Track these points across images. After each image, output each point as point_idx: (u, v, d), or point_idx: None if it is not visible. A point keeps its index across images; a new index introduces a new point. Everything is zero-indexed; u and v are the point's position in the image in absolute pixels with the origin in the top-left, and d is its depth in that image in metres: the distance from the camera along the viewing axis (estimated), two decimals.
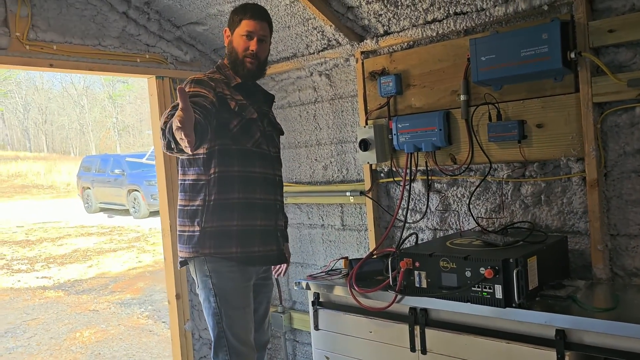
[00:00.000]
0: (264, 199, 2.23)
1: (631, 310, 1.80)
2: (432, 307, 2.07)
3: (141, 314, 6.08)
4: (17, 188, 23.51)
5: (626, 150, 2.10)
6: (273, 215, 2.27)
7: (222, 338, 2.15)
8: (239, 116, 2.14)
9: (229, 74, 2.23)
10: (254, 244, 2.17)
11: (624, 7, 2.03)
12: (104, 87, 36.25)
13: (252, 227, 2.17)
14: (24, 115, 38.58)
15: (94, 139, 38.64)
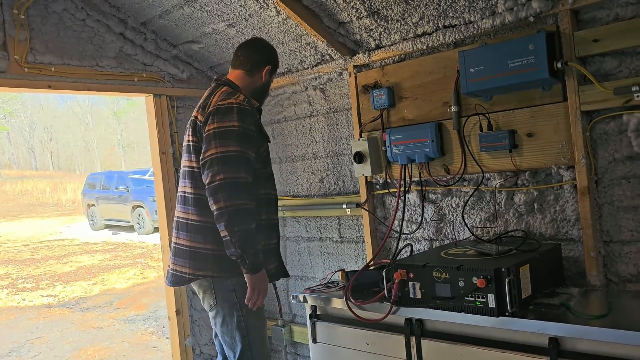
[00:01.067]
0: (276, 219, 2.35)
1: (625, 317, 1.81)
2: (428, 317, 2.08)
3: (145, 330, 6.09)
4: (23, 207, 23.65)
5: (615, 157, 2.12)
6: (278, 234, 2.38)
7: (247, 351, 2.17)
8: (266, 140, 2.26)
9: (246, 96, 2.25)
10: (271, 261, 2.26)
11: (608, 17, 2.07)
12: (108, 104, 36.56)
13: (271, 246, 2.28)
14: (30, 134, 38.93)
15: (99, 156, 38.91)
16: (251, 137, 2.10)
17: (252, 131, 2.11)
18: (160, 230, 3.39)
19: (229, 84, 2.27)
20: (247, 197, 2.01)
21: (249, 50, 2.37)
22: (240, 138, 2.05)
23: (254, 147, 2.12)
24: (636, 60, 2.03)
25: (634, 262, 2.10)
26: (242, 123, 2.07)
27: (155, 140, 3.33)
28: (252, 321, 2.15)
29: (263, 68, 2.36)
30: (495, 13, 2.29)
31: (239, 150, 2.03)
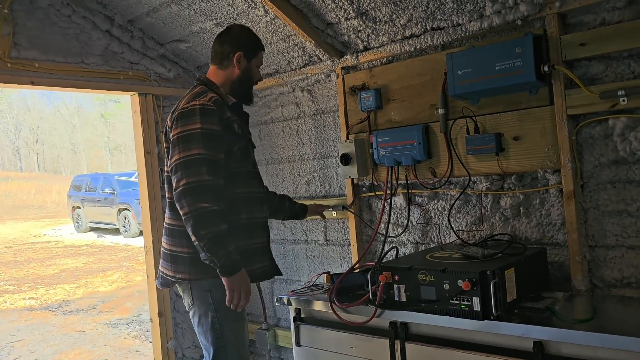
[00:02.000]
0: (261, 217, 2.26)
1: (609, 321, 1.80)
2: (412, 320, 2.06)
3: (128, 334, 5.99)
4: (6, 208, 23.31)
5: (601, 162, 2.12)
6: (266, 231, 2.29)
7: (221, 354, 2.12)
8: (241, 138, 2.15)
9: (221, 92, 2.19)
10: (255, 262, 2.18)
11: (595, 21, 2.07)
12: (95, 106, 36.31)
13: (254, 246, 2.20)
14: (15, 135, 38.49)
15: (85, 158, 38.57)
16: (216, 138, 2.02)
17: (217, 131, 2.02)
18: (144, 231, 3.34)
19: (204, 83, 2.22)
20: (214, 199, 1.94)
21: (216, 41, 2.27)
22: (203, 140, 1.99)
23: (222, 147, 2.04)
24: (622, 65, 2.04)
25: (619, 267, 2.10)
26: (205, 124, 2.01)
27: (140, 140, 3.29)
28: (228, 323, 2.09)
29: (233, 56, 2.21)
30: (483, 16, 2.29)
31: (201, 153, 1.97)
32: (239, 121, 2.18)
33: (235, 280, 1.97)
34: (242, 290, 1.99)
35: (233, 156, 2.11)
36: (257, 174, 2.29)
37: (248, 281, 2.01)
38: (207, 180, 1.95)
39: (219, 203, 1.96)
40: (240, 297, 1.99)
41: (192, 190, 1.93)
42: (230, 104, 2.17)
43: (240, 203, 2.14)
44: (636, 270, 2.06)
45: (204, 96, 2.08)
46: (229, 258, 1.94)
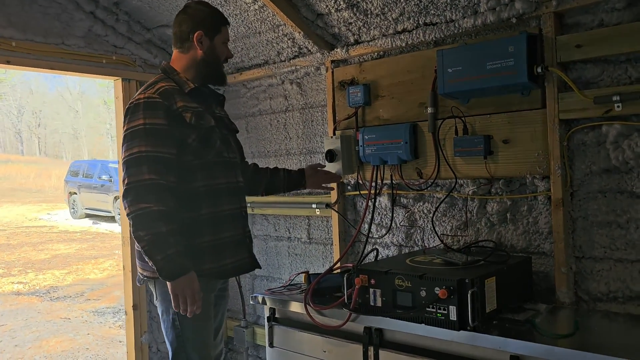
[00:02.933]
0: (230, 209, 2.11)
1: (591, 338, 1.72)
2: (387, 327, 1.97)
3: (114, 324, 5.93)
4: (5, 191, 23.27)
5: (592, 170, 2.02)
6: (240, 223, 2.15)
7: (181, 352, 2.03)
8: (197, 128, 2.00)
9: (178, 79, 2.07)
10: (226, 256, 2.07)
11: (593, 22, 1.97)
12: (99, 92, 36.23)
13: (223, 240, 2.06)
14: (18, 119, 38.45)
15: (87, 144, 38.55)
16: (160, 133, 1.90)
17: (161, 126, 1.90)
18: (122, 222, 3.27)
19: (164, 70, 2.11)
20: (155, 199, 1.83)
21: (174, 22, 2.15)
22: (146, 137, 1.88)
23: (168, 142, 1.91)
24: (619, 69, 1.94)
25: (606, 280, 2.01)
26: (148, 119, 1.89)
27: (121, 127, 3.17)
28: (190, 321, 1.98)
29: (192, 37, 2.06)
30: (477, 12, 2.19)
31: (143, 151, 1.86)
32: (199, 109, 2.03)
33: (177, 285, 1.85)
34: (187, 295, 1.86)
35: (188, 148, 1.98)
36: (225, 163, 2.11)
37: (193, 286, 1.88)
38: (147, 179, 1.85)
39: (163, 202, 1.85)
40: (185, 302, 1.87)
41: (132, 191, 1.85)
42: (188, 91, 2.03)
43: (199, 197, 2.01)
44: (623, 285, 1.97)
45: (151, 87, 1.98)
46: (168, 262, 1.82)
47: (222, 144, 2.11)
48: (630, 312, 1.96)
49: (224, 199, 2.08)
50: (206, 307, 2.03)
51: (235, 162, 2.18)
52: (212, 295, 2.10)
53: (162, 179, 1.87)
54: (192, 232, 1.99)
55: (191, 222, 1.99)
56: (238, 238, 2.13)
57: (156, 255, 1.82)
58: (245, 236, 2.17)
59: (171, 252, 1.83)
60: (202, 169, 2.02)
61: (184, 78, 2.08)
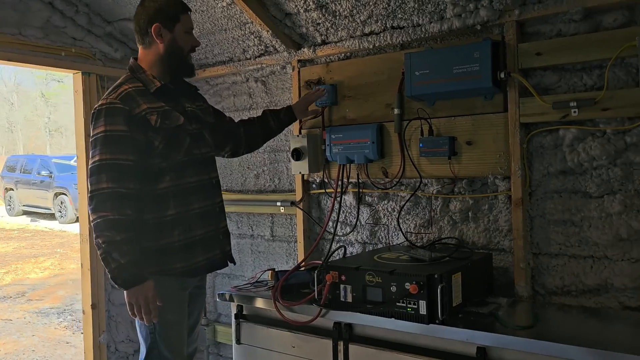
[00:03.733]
0: (202, 207, 2.10)
1: (550, 329, 1.82)
2: (357, 322, 2.02)
3: (59, 324, 5.72)
4: None
5: (550, 171, 2.15)
6: (213, 220, 2.15)
7: (154, 349, 2.02)
8: (162, 129, 1.98)
9: (144, 77, 2.03)
10: (197, 254, 2.07)
11: (551, 32, 2.10)
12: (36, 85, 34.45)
13: (193, 239, 2.06)
14: None
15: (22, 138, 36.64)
16: (121, 140, 1.90)
17: (122, 133, 1.90)
18: (81, 218, 3.16)
19: (131, 69, 2.08)
20: (112, 207, 1.85)
21: (134, 19, 2.09)
22: (106, 145, 1.89)
23: (130, 149, 1.91)
24: (575, 77, 2.07)
25: (560, 275, 2.14)
26: (109, 126, 1.90)
27: (81, 122, 3.10)
28: (162, 319, 1.97)
29: (151, 31, 2.01)
30: (444, 18, 2.27)
31: (103, 159, 1.89)
32: (165, 108, 2.00)
33: (130, 294, 1.88)
34: (141, 304, 1.88)
35: (154, 151, 1.97)
36: (195, 161, 2.09)
37: (147, 294, 1.88)
38: (105, 188, 1.86)
39: (120, 211, 1.86)
40: (140, 311, 1.89)
41: (94, 199, 1.88)
42: (154, 91, 2.00)
43: (167, 198, 2.00)
44: (577, 279, 2.11)
45: (114, 91, 1.97)
46: (121, 270, 1.84)
47: (192, 141, 2.08)
48: (583, 305, 2.10)
49: (194, 197, 2.07)
50: (179, 305, 2.03)
51: (208, 158, 2.17)
52: (186, 293, 2.10)
53: (121, 187, 1.88)
54: (161, 233, 1.99)
55: (159, 224, 1.99)
56: (210, 235, 2.13)
57: (111, 263, 1.85)
58: (218, 232, 2.17)
59: (125, 261, 1.84)
60: (170, 170, 2.01)
61: (150, 76, 2.04)
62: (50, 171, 13.29)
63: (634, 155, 1.98)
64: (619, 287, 2.03)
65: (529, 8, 2.08)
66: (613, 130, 2.00)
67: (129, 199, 1.90)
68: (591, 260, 2.09)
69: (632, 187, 2.00)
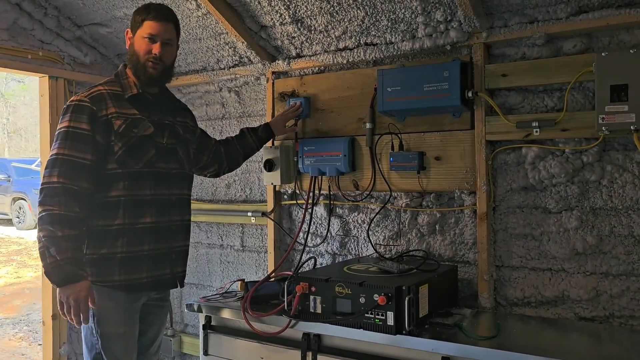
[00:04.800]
0: (155, 222, 2.04)
1: (511, 339, 1.90)
2: (326, 333, 2.05)
3: (14, 335, 5.50)
4: None
5: (512, 187, 2.24)
6: (167, 237, 2.08)
7: None
8: (126, 136, 1.96)
9: (126, 83, 2.04)
10: (141, 269, 2.01)
11: (516, 55, 2.20)
12: None
13: (138, 253, 2.00)
14: None
15: None
16: (81, 138, 1.89)
17: (83, 131, 1.90)
18: None
19: (116, 73, 2.10)
20: (59, 202, 1.83)
21: None
22: (66, 140, 1.89)
23: (88, 148, 1.90)
24: (537, 98, 2.18)
25: (521, 287, 2.23)
26: (73, 122, 1.91)
27: (46, 127, 3.04)
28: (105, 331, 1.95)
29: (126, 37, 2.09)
30: (415, 37, 2.35)
31: (60, 153, 1.88)
32: (136, 116, 2.00)
33: (62, 292, 1.83)
34: (72, 304, 1.83)
35: (112, 157, 1.95)
36: (156, 174, 2.05)
37: (80, 295, 1.83)
38: (56, 182, 1.85)
39: (68, 207, 1.84)
40: (70, 311, 1.84)
41: (42, 192, 1.86)
42: (128, 97, 2.01)
43: (116, 207, 1.97)
44: (536, 291, 2.20)
45: (88, 90, 2.00)
46: (55, 267, 1.81)
47: (158, 154, 2.05)
48: (542, 315, 2.19)
49: (147, 211, 2.02)
50: (125, 317, 2.01)
51: (174, 174, 2.12)
52: (135, 305, 2.05)
53: (72, 183, 1.87)
54: (104, 243, 1.96)
55: (103, 232, 1.96)
56: (161, 252, 2.07)
57: (46, 258, 1.82)
58: (171, 251, 2.11)
59: (62, 258, 1.81)
60: (125, 179, 1.98)
61: (132, 82, 2.04)
62: (8, 175, 12.84)
63: (590, 174, 2.09)
64: (574, 299, 2.13)
65: (495, 31, 2.18)
66: (571, 150, 2.11)
67: (79, 197, 1.88)
68: (549, 273, 2.18)
69: (588, 204, 2.11)
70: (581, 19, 2.02)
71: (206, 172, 2.48)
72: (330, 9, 2.40)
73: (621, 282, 2.06)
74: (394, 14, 2.31)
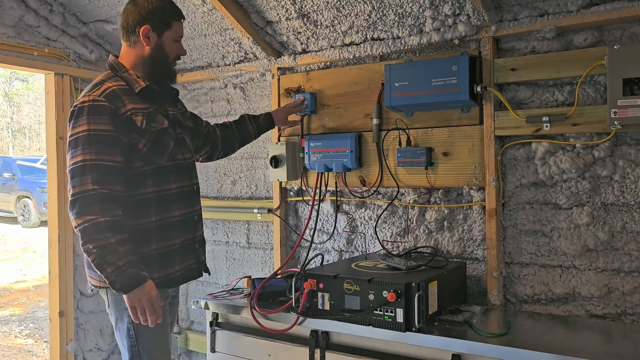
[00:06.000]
0: (182, 214, 2.02)
1: (521, 336, 1.87)
2: (334, 330, 2.03)
3: (20, 333, 5.52)
4: None
5: (522, 183, 2.22)
6: (191, 228, 2.07)
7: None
8: (147, 132, 1.90)
9: (128, 77, 1.94)
10: (174, 263, 1.98)
11: (526, 49, 2.17)
12: None
13: (171, 248, 1.98)
14: None
15: None
16: (106, 140, 1.81)
17: (107, 132, 1.81)
18: (50, 223, 3.08)
19: (111, 66, 1.97)
20: (101, 209, 1.75)
21: (122, 13, 1.99)
22: (90, 144, 1.79)
23: (115, 150, 1.82)
24: (547, 92, 2.15)
25: (531, 283, 2.21)
26: (93, 125, 1.80)
27: (52, 124, 3.03)
28: (145, 330, 1.89)
29: (139, 31, 1.94)
30: (423, 32, 2.32)
31: (87, 159, 1.78)
32: (149, 110, 1.94)
33: (132, 297, 1.77)
34: (145, 306, 1.79)
35: (138, 155, 1.89)
36: (178, 166, 2.02)
37: (151, 295, 1.79)
38: (92, 190, 1.76)
39: (110, 212, 1.77)
40: (144, 313, 1.79)
41: (78, 203, 1.76)
42: (138, 91, 1.92)
43: (149, 204, 1.92)
44: (546, 288, 2.18)
45: (97, 88, 1.87)
46: (120, 274, 1.74)
47: (175, 145, 2.02)
48: (552, 313, 2.16)
49: (175, 205, 1.99)
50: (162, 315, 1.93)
51: (190, 164, 2.11)
52: (166, 303, 2.03)
53: (107, 188, 1.79)
54: (140, 241, 1.90)
55: (139, 230, 1.91)
56: (187, 244, 2.05)
57: (107, 267, 1.74)
58: (194, 241, 2.09)
59: (122, 264, 1.74)
60: (153, 175, 1.93)
61: (134, 76, 1.96)
62: (12, 173, 12.88)
63: (601, 169, 2.06)
64: (585, 296, 2.11)
65: (504, 25, 2.15)
66: (582, 145, 2.08)
67: (117, 200, 1.81)
68: (560, 270, 2.16)
69: (599, 200, 2.08)
70: (592, 12, 1.99)
71: (198, 155, 2.39)
72: (336, 3, 2.38)
73: (633, 279, 2.03)
74: (401, 8, 2.29)
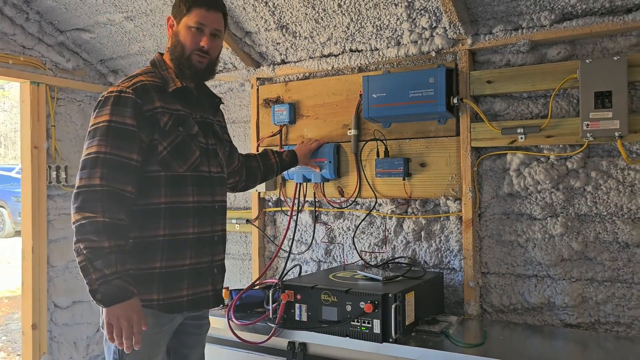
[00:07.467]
0: (197, 233, 1.81)
1: (497, 346, 1.89)
2: (312, 341, 2.03)
3: None
4: None
5: (498, 194, 2.24)
6: (209, 250, 1.85)
7: None
8: (172, 134, 1.73)
9: (166, 75, 1.80)
10: (182, 287, 1.77)
11: (501, 62, 2.21)
12: None
13: (179, 269, 1.76)
14: None
15: None
16: (126, 134, 1.65)
17: (128, 126, 1.65)
18: (23, 233, 3.01)
19: (153, 63, 1.85)
20: (103, 208, 1.58)
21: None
22: (108, 136, 1.63)
23: (134, 146, 1.66)
24: (522, 105, 2.18)
25: (507, 293, 2.23)
26: (115, 116, 1.65)
27: (27, 133, 2.98)
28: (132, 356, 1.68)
29: (168, 24, 1.85)
30: (400, 44, 2.35)
31: (102, 152, 1.62)
32: (181, 112, 1.78)
33: (113, 312, 1.57)
34: (123, 326, 1.57)
35: (156, 157, 1.71)
36: (200, 178, 1.81)
37: (132, 316, 1.59)
38: (98, 185, 1.60)
39: (112, 213, 1.60)
40: (120, 335, 1.58)
41: (80, 197, 1.60)
42: (172, 90, 1.77)
43: (158, 215, 1.73)
44: (522, 298, 2.20)
45: (129, 80, 1.74)
46: (104, 283, 1.55)
47: (202, 156, 1.82)
48: (528, 322, 2.18)
49: (189, 221, 1.79)
50: (152, 341, 1.74)
51: (217, 179, 1.89)
52: (164, 329, 1.79)
53: (115, 186, 1.62)
54: (144, 256, 1.71)
55: (145, 244, 1.72)
56: (203, 267, 1.83)
57: (92, 273, 1.56)
58: (212, 265, 1.86)
59: (109, 272, 1.56)
60: (168, 184, 1.73)
61: (172, 74, 1.81)
62: None
63: (575, 180, 2.10)
64: (560, 305, 2.13)
65: (480, 38, 2.18)
66: (556, 156, 2.12)
67: (124, 202, 1.64)
68: (535, 280, 2.18)
69: (573, 211, 2.12)
70: (565, 27, 2.04)
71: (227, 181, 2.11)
72: (315, 15, 2.40)
73: (606, 288, 2.06)
74: (379, 20, 2.31)
